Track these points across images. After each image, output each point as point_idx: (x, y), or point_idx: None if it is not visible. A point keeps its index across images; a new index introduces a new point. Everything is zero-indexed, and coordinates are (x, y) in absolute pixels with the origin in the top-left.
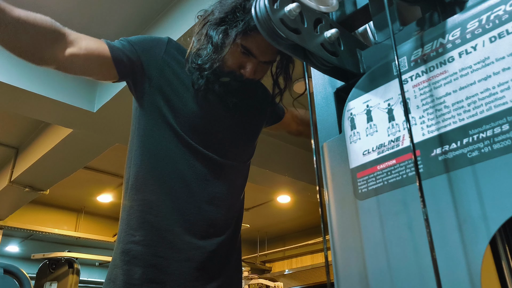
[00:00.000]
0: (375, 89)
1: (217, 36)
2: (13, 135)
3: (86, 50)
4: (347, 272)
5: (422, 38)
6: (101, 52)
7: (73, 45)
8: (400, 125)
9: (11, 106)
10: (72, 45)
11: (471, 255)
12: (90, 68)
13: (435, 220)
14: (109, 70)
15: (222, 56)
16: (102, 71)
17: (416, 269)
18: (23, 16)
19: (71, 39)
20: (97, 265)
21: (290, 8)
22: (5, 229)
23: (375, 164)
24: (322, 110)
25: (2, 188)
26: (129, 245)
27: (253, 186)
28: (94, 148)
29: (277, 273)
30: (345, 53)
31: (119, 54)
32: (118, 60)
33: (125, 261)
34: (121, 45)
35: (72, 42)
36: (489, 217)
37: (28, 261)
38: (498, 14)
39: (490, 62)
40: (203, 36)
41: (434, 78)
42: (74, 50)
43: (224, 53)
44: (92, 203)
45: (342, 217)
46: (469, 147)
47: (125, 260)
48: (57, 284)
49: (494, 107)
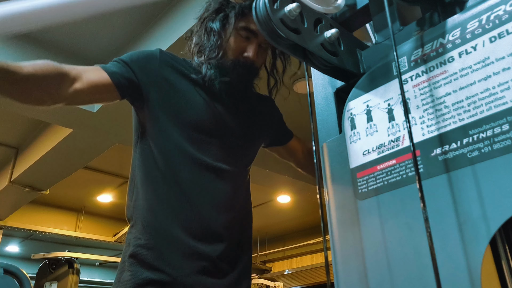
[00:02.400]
0: (375, 89)
1: (217, 25)
2: (13, 135)
3: (88, 83)
4: (347, 272)
5: (422, 38)
6: (102, 81)
7: (76, 81)
8: (400, 125)
9: (11, 106)
10: (76, 82)
11: (471, 255)
12: (95, 98)
13: (435, 220)
14: (112, 94)
15: (227, 40)
16: (106, 97)
17: (416, 269)
18: (31, 70)
19: (73, 76)
20: (97, 265)
21: (290, 8)
22: (5, 229)
23: (375, 164)
24: (322, 110)
25: (2, 188)
26: (136, 248)
27: (253, 186)
28: (94, 148)
29: (277, 273)
30: (345, 53)
31: (118, 78)
32: (119, 84)
33: (133, 263)
34: (117, 68)
35: (75, 79)
36: (489, 217)
37: (28, 261)
38: (498, 14)
39: (490, 62)
40: (203, 32)
41: (434, 78)
42: (78, 86)
43: (228, 36)
44: (92, 203)
45: (342, 217)
46: (469, 147)
47: (133, 263)
48: (57, 284)
49: (494, 107)
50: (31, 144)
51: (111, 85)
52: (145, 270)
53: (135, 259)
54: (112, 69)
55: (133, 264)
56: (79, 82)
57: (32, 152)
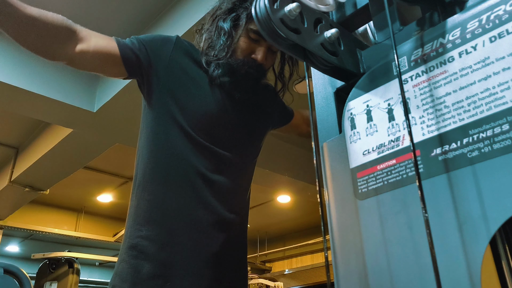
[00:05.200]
0: (375, 89)
1: (228, 24)
2: (13, 135)
3: (95, 47)
4: (347, 272)
5: (422, 38)
6: (110, 50)
7: (83, 41)
8: (400, 125)
9: (11, 106)
10: (82, 42)
11: (471, 255)
12: (99, 65)
13: (435, 220)
14: (118, 67)
15: (236, 41)
16: (111, 68)
17: (416, 269)
18: (35, 14)
19: (81, 36)
20: (97, 265)
21: (290, 8)
22: (5, 229)
23: (375, 164)
24: (322, 110)
25: (2, 188)
26: (136, 239)
27: (253, 186)
28: (94, 148)
29: (277, 273)
30: (345, 53)
31: (128, 52)
32: (127, 58)
33: (132, 255)
34: (130, 43)
35: (82, 39)
36: (489, 217)
37: (28, 261)
38: (498, 14)
39: (490, 62)
40: (214, 29)
41: (434, 78)
42: (84, 46)
43: (238, 36)
44: (92, 203)
45: (342, 217)
46: (469, 147)
47: (132, 254)
48: (57, 284)
49: (494, 107)
50: (31, 144)
51: (118, 57)
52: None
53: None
54: (124, 42)
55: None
56: (85, 43)
57: (32, 152)
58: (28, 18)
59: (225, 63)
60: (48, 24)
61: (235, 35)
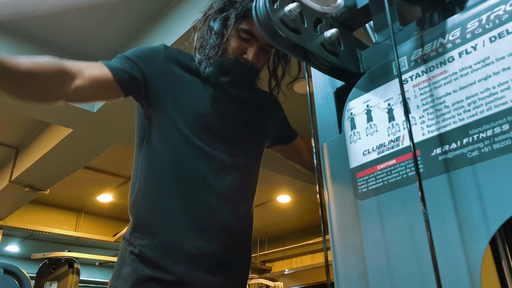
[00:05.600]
0: (375, 89)
1: (218, 24)
2: (13, 135)
3: (90, 79)
4: (347, 272)
5: (422, 38)
6: (105, 77)
7: (77, 77)
8: (400, 125)
9: (11, 106)
10: (76, 78)
11: (471, 255)
12: (97, 95)
13: (435, 220)
14: (115, 91)
15: (226, 40)
16: (108, 94)
17: (416, 269)
18: (29, 67)
19: (73, 72)
20: (97, 265)
21: (290, 8)
22: (5, 229)
23: (375, 164)
24: (322, 110)
25: (2, 188)
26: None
27: None
28: (94, 148)
29: (277, 273)
30: (345, 53)
31: (121, 74)
32: (122, 80)
33: (133, 259)
34: (121, 64)
35: (75, 75)
36: (489, 217)
37: (28, 261)
38: (498, 14)
39: (490, 62)
40: (206, 29)
41: (434, 78)
42: (79, 82)
43: (227, 36)
44: (92, 203)
45: (342, 217)
46: (469, 147)
47: (133, 258)
48: (57, 284)
49: (494, 107)
50: (31, 144)
51: (113, 81)
52: (147, 267)
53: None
54: (114, 64)
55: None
56: (80, 79)
57: (32, 152)
58: (24, 74)
59: (216, 62)
60: (44, 72)
61: (225, 34)
